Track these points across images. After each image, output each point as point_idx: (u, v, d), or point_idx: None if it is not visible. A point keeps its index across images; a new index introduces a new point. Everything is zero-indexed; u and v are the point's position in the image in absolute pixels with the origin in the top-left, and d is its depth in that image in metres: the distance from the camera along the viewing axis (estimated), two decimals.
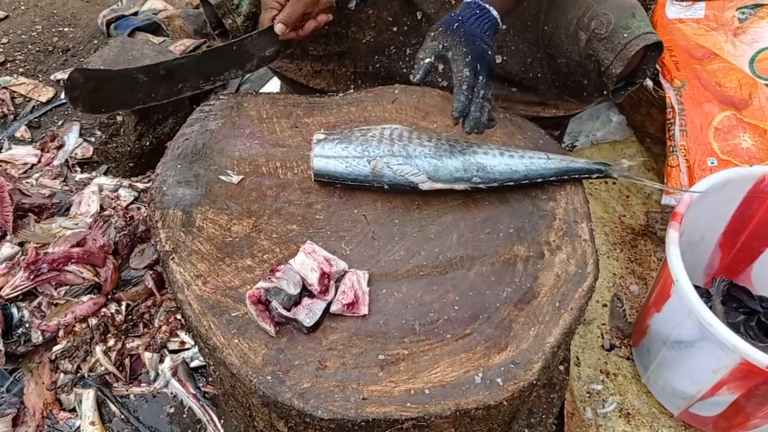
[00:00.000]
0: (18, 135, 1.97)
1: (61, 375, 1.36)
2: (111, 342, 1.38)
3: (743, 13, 1.80)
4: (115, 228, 1.51)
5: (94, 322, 1.39)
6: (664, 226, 1.68)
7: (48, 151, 1.86)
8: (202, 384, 1.38)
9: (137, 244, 1.51)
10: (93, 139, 1.88)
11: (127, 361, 1.38)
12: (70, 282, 1.41)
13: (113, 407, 1.34)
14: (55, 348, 1.37)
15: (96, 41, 2.34)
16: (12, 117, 2.03)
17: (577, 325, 0.99)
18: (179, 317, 1.43)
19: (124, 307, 1.43)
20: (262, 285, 0.94)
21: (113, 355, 1.37)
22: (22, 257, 1.44)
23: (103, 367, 1.36)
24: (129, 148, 1.76)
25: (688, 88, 1.63)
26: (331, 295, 0.96)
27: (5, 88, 2.10)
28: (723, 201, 1.39)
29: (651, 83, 1.73)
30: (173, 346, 1.41)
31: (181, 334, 1.42)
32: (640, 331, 1.42)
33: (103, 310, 1.40)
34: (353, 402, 0.86)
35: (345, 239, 1.06)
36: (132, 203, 1.65)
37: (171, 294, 1.41)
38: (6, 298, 1.37)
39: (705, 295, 1.42)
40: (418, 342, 0.94)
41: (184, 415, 1.35)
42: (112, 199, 1.63)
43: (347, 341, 0.94)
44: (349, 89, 1.36)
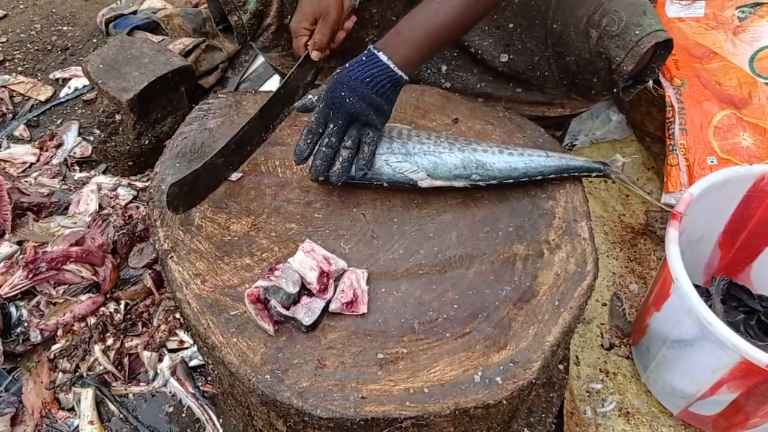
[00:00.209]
0: (17, 134, 1.96)
1: (60, 374, 1.36)
2: (110, 341, 1.38)
3: (743, 11, 1.80)
4: (113, 227, 1.50)
5: (92, 321, 1.39)
6: (663, 225, 1.68)
7: (47, 150, 1.85)
8: (201, 383, 1.38)
9: (136, 243, 1.51)
10: (92, 137, 1.88)
11: (125, 360, 1.38)
12: (68, 281, 1.41)
13: (112, 406, 1.34)
14: (54, 347, 1.37)
15: (95, 40, 2.34)
16: (11, 116, 2.03)
17: (576, 324, 0.99)
18: (178, 316, 1.43)
19: (122, 306, 1.42)
20: (260, 284, 0.93)
21: (112, 354, 1.37)
22: (21, 256, 1.43)
23: (101, 367, 1.36)
24: (128, 147, 1.76)
25: (688, 86, 1.63)
26: (330, 294, 0.96)
27: (4, 86, 2.10)
28: (723, 200, 1.39)
29: (651, 82, 1.73)
30: (172, 345, 1.41)
31: (179, 333, 1.42)
32: (639, 330, 1.42)
33: (102, 309, 1.40)
34: (352, 401, 0.86)
35: (344, 238, 1.06)
36: (131, 202, 1.64)
37: (170, 293, 1.40)
38: (4, 297, 1.37)
39: (705, 294, 1.42)
40: (417, 341, 0.93)
41: (183, 415, 1.35)
42: (111, 198, 1.63)
43: (346, 340, 0.93)
44: None
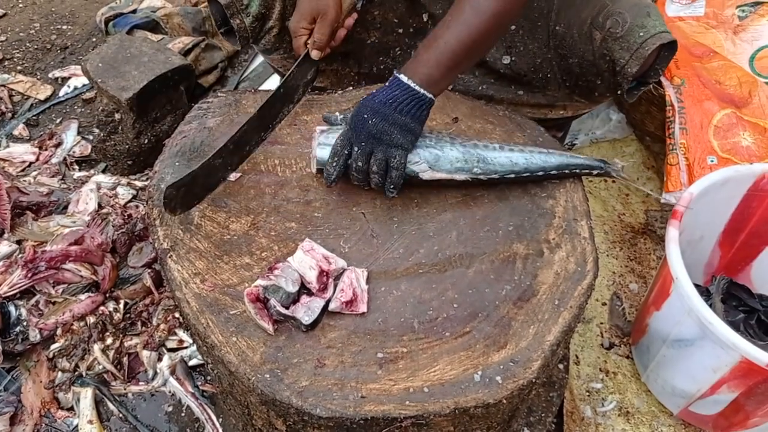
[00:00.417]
0: (16, 133, 1.96)
1: (59, 373, 1.36)
2: (109, 340, 1.38)
3: (743, 11, 1.79)
4: (113, 226, 1.50)
5: (92, 320, 1.38)
6: (663, 225, 1.68)
7: (46, 149, 1.85)
8: (200, 382, 1.37)
9: (135, 242, 1.51)
10: (91, 137, 1.88)
11: (125, 359, 1.38)
12: (67, 280, 1.41)
13: (111, 406, 1.34)
14: (53, 346, 1.37)
15: (94, 39, 2.33)
16: (10, 115, 2.03)
17: (576, 323, 0.99)
18: (177, 315, 1.43)
19: (122, 306, 1.42)
20: (260, 283, 0.93)
21: (111, 353, 1.37)
22: (20, 255, 1.43)
23: (101, 366, 1.36)
24: (127, 146, 1.76)
25: (688, 86, 1.62)
26: (329, 293, 0.96)
27: (3, 85, 2.09)
28: (723, 199, 1.39)
29: None
30: (171, 344, 1.41)
31: (179, 332, 1.42)
32: (639, 329, 1.41)
33: (101, 308, 1.40)
34: (352, 400, 0.86)
35: (344, 237, 1.06)
36: (130, 201, 1.64)
37: (169, 292, 1.40)
38: (4, 296, 1.37)
39: (705, 293, 1.42)
40: (417, 340, 0.93)
41: (183, 414, 1.35)
42: (110, 197, 1.62)
43: (346, 339, 0.93)
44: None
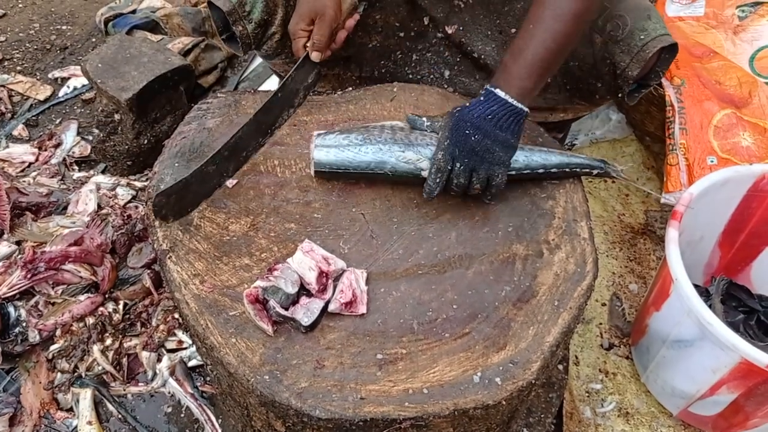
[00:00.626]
0: (15, 133, 1.96)
1: (58, 374, 1.35)
2: (108, 341, 1.38)
3: (743, 11, 1.79)
4: (112, 227, 1.50)
5: (91, 321, 1.38)
6: (663, 225, 1.68)
7: (45, 150, 1.85)
8: (199, 383, 1.37)
9: (135, 243, 1.51)
10: (91, 137, 1.87)
11: (124, 360, 1.38)
12: (67, 281, 1.41)
13: (110, 407, 1.34)
14: (52, 347, 1.37)
15: (94, 39, 2.33)
16: (9, 115, 2.03)
17: (576, 324, 0.99)
18: (177, 316, 1.42)
19: (121, 306, 1.42)
20: (259, 284, 0.93)
21: (110, 354, 1.37)
22: (20, 256, 1.43)
23: (100, 367, 1.36)
24: (127, 147, 1.76)
25: (688, 86, 1.62)
26: (329, 294, 0.96)
27: (3, 86, 2.09)
28: (723, 200, 1.39)
29: None
30: (171, 345, 1.41)
31: (178, 333, 1.42)
32: (639, 330, 1.41)
33: (101, 309, 1.40)
34: (351, 402, 0.86)
35: (343, 238, 1.06)
36: (129, 202, 1.64)
37: (168, 293, 1.40)
38: (3, 297, 1.37)
39: (704, 294, 1.42)
40: (417, 341, 0.93)
41: (182, 415, 1.34)
42: (110, 198, 1.62)
43: (345, 340, 0.93)
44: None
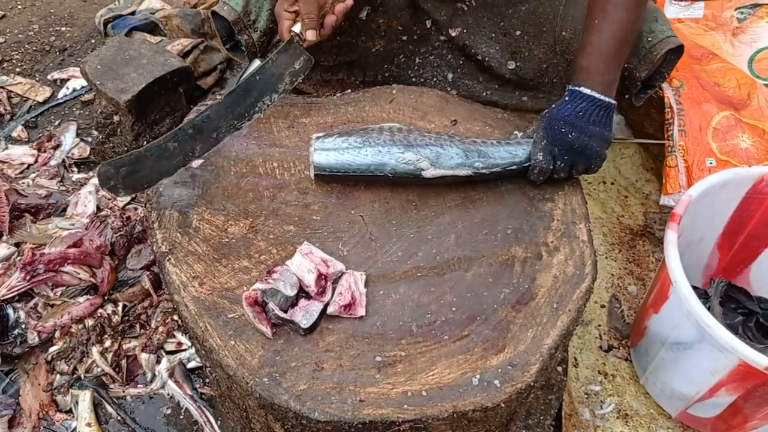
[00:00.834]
0: (15, 135, 1.96)
1: (58, 376, 1.35)
2: (107, 343, 1.38)
3: (742, 12, 1.80)
4: (111, 229, 1.50)
5: (90, 323, 1.38)
6: (662, 227, 1.68)
7: (45, 151, 1.85)
8: (198, 385, 1.37)
9: (134, 245, 1.51)
10: (90, 139, 1.87)
11: (123, 362, 1.38)
12: (66, 283, 1.41)
13: (110, 408, 1.34)
14: (52, 349, 1.37)
15: (93, 41, 2.33)
16: (9, 117, 2.02)
17: (575, 326, 0.99)
18: (176, 318, 1.42)
19: (120, 308, 1.42)
20: (258, 286, 0.93)
21: (110, 356, 1.37)
22: (19, 258, 1.43)
23: (99, 369, 1.36)
24: (126, 148, 1.76)
25: (687, 88, 1.62)
26: (328, 297, 0.96)
27: (2, 87, 2.09)
28: (721, 202, 1.39)
29: None
30: (170, 347, 1.41)
31: (177, 335, 1.42)
32: (638, 332, 1.41)
33: (100, 311, 1.40)
34: (350, 404, 0.86)
35: (342, 240, 1.06)
36: (129, 204, 1.64)
37: (167, 295, 1.40)
38: (2, 298, 1.37)
39: (703, 296, 1.42)
40: (416, 344, 0.93)
41: (181, 417, 1.34)
42: (109, 200, 1.62)
43: (344, 343, 0.93)
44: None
